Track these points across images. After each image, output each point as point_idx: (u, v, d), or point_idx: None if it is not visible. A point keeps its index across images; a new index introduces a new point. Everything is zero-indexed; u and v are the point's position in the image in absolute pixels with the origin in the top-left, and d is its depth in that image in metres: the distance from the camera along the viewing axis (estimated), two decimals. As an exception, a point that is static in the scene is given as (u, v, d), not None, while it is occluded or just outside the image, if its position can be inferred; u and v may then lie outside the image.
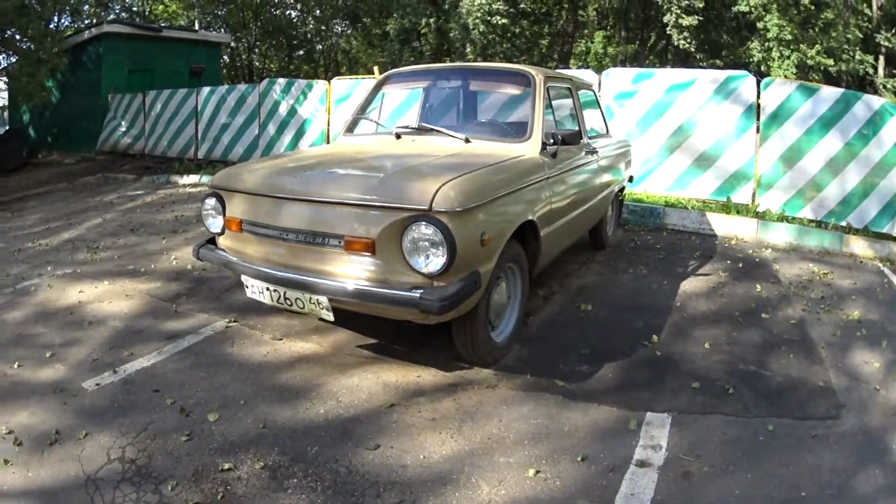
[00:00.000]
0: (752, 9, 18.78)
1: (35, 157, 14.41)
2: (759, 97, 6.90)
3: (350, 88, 9.31)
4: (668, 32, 18.57)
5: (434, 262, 2.63)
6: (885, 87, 19.92)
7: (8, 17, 11.88)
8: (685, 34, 17.98)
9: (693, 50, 18.33)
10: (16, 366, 3.41)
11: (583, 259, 5.39)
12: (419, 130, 3.99)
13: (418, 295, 2.62)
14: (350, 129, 4.40)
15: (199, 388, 3.12)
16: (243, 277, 3.13)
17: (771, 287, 4.80)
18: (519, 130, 3.80)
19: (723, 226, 6.59)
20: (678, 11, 17.63)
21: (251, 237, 3.16)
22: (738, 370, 3.33)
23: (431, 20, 20.31)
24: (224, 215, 3.31)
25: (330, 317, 2.91)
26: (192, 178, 10.26)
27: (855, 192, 6.41)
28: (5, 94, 17.53)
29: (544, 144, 3.71)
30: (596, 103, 5.47)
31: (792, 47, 18.58)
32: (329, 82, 9.53)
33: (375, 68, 9.66)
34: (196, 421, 2.81)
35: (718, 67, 18.46)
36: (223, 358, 3.47)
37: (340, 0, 23.55)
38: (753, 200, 6.90)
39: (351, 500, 2.28)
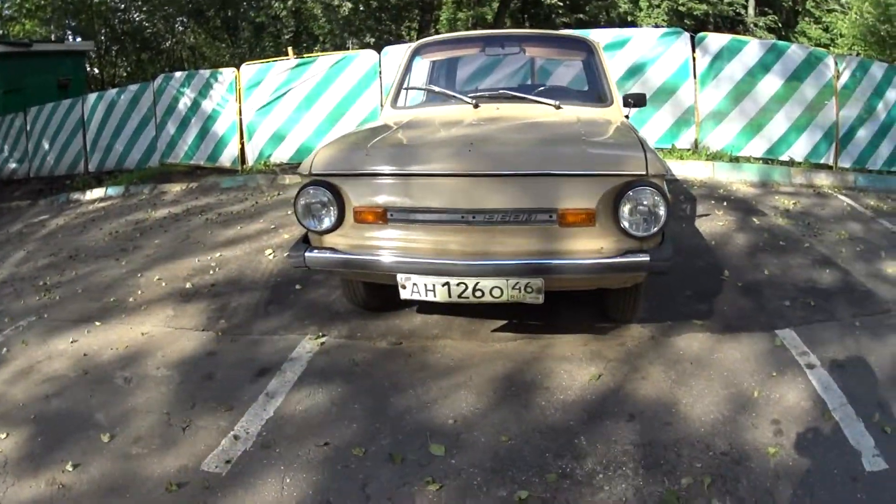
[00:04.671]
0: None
1: None
2: (693, 51, 7.38)
3: (262, 73, 8.65)
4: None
5: (651, 224, 2.59)
6: (756, 25, 19.51)
7: None
8: (545, -14, 17.18)
9: (555, 2, 17.92)
10: (69, 467, 2.42)
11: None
12: (499, 97, 3.71)
13: (648, 258, 2.60)
14: (394, 101, 3.93)
15: (377, 424, 2.57)
16: (400, 276, 2.69)
17: (766, 219, 5.27)
18: (595, 95, 3.79)
19: (681, 170, 7.05)
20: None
21: (405, 226, 2.71)
22: (803, 287, 3.84)
23: (288, 2, 19.04)
24: (342, 206, 2.73)
25: (540, 300, 2.64)
26: (98, 193, 9.11)
27: (796, 126, 7.12)
28: None
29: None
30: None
31: (661, -7, 18.24)
32: (238, 69, 8.79)
33: (289, 49, 9.24)
34: (425, 460, 2.36)
35: (582, 22, 18.41)
36: (361, 381, 2.92)
37: (184, -3, 21.72)
38: (696, 145, 7.43)
39: (666, 468, 2.27)
